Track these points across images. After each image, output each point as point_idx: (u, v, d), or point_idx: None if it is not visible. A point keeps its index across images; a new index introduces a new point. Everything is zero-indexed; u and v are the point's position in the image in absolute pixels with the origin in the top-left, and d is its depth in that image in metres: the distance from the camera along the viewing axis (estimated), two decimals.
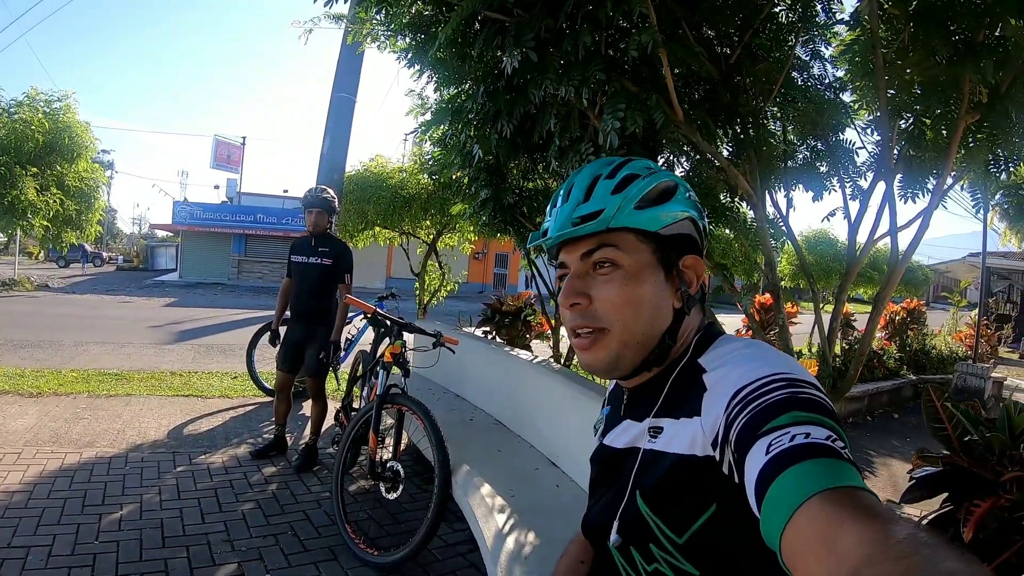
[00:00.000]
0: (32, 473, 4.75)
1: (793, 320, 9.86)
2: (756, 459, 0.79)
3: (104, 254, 49.05)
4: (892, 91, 3.29)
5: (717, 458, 0.92)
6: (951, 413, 2.72)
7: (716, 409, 0.94)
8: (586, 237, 1.12)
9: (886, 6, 3.10)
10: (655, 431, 1.09)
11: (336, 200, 5.70)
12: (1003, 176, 3.43)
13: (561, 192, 1.19)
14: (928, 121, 3.33)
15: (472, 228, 9.20)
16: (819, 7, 3.39)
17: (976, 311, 13.69)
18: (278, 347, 5.72)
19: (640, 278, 1.10)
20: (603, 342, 1.11)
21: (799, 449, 0.75)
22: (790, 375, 0.90)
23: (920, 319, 13.17)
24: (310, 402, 5.74)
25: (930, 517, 2.62)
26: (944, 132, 3.24)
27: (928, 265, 25.49)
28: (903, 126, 3.51)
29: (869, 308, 3.73)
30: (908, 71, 3.18)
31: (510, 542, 3.06)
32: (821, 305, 3.96)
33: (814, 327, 5.84)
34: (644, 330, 1.09)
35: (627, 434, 1.18)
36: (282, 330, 5.77)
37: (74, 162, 8.13)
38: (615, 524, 1.10)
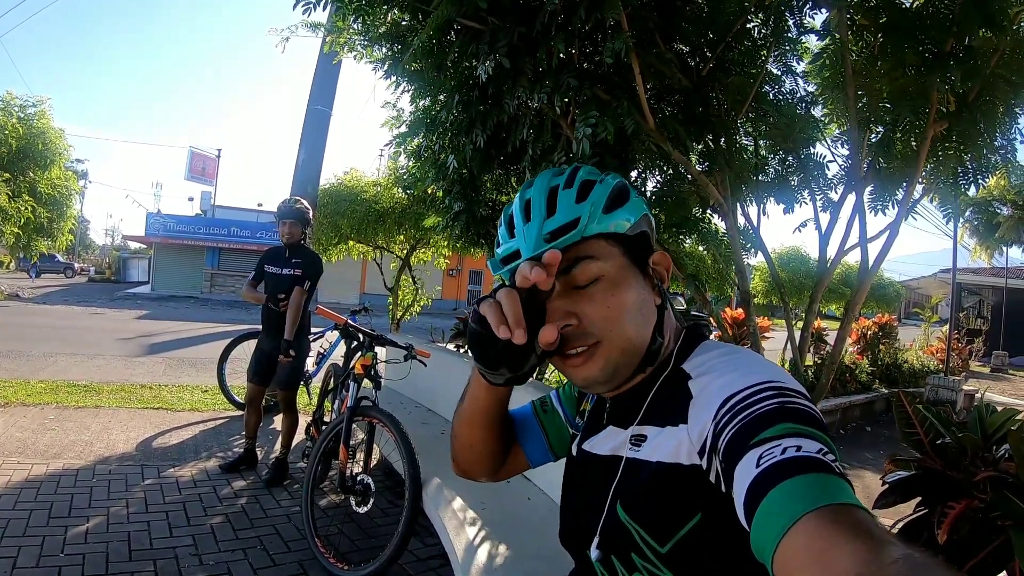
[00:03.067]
0: None
1: (766, 335, 9.92)
2: (746, 471, 0.78)
3: (76, 265, 48.58)
4: (862, 102, 3.34)
5: (704, 467, 0.91)
6: (923, 417, 2.74)
7: (704, 417, 0.92)
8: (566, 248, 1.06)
9: (856, 18, 3.14)
10: (638, 439, 1.07)
11: (310, 211, 5.67)
12: (971, 189, 3.47)
13: (517, 210, 1.14)
14: (897, 131, 3.37)
15: (446, 243, 9.18)
16: (791, 22, 3.42)
17: (947, 326, 13.86)
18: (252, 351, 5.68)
19: (623, 283, 1.07)
20: (598, 354, 1.05)
21: (791, 463, 0.74)
22: (779, 384, 0.89)
23: (892, 334, 13.32)
24: (281, 416, 5.69)
25: (904, 521, 2.62)
26: (913, 143, 3.28)
27: (900, 281, 25.77)
28: (873, 139, 3.56)
29: (833, 322, 3.75)
30: (877, 81, 3.22)
31: (481, 554, 3.03)
32: (794, 323, 3.97)
33: (787, 342, 5.86)
34: (638, 333, 1.06)
35: (609, 441, 1.16)
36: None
37: (47, 169, 8.01)
38: (596, 533, 1.09)
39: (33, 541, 3.87)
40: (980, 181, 3.37)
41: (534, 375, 4.53)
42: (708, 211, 4.26)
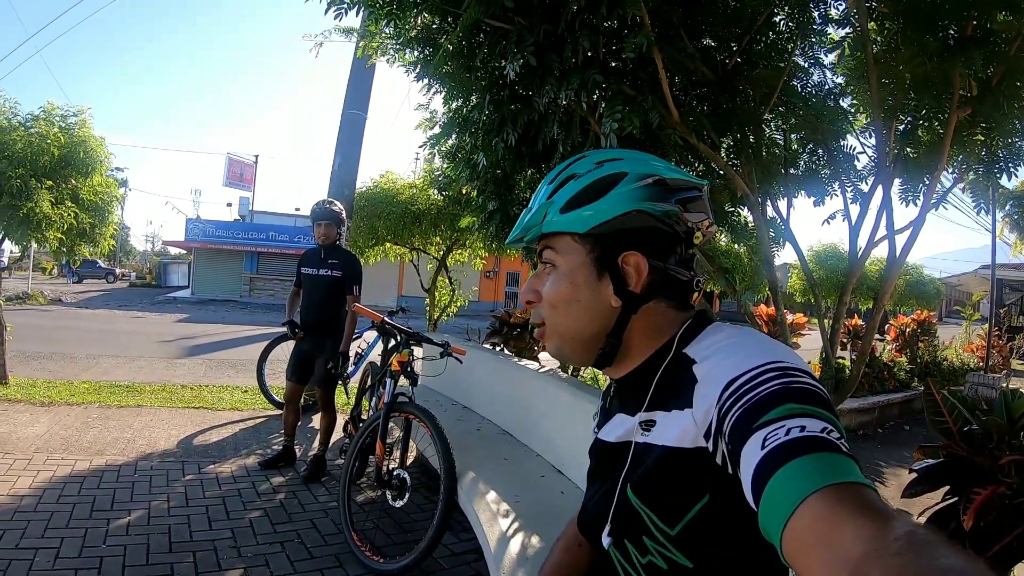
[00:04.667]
0: (42, 479, 4.80)
1: (802, 332, 9.86)
2: (752, 453, 0.79)
3: (117, 270, 49.30)
4: (885, 91, 3.32)
5: (710, 449, 0.91)
6: (951, 405, 2.71)
7: (708, 400, 0.93)
8: (536, 239, 1.19)
9: (875, 5, 3.13)
10: (647, 424, 1.07)
11: (344, 213, 5.75)
12: (1004, 178, 3.43)
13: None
14: (921, 119, 3.35)
15: (482, 244, 9.22)
16: (816, 14, 3.42)
17: (987, 323, 13.59)
18: (291, 351, 5.75)
19: (569, 279, 1.12)
20: (547, 335, 1.18)
21: (795, 443, 0.75)
22: (783, 363, 0.89)
23: (930, 331, 13.10)
24: (319, 414, 5.77)
25: (933, 510, 2.60)
26: (940, 130, 3.25)
27: (940, 279, 25.24)
28: (900, 129, 3.53)
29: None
30: (900, 68, 3.19)
31: (514, 545, 3.07)
32: (826, 313, 3.95)
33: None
34: (575, 328, 1.13)
35: (620, 428, 1.17)
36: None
37: (89, 176, 8.16)
38: (608, 518, 1.11)
39: (76, 533, 3.98)
40: (1012, 170, 3.34)
41: (569, 371, 4.55)
42: (738, 205, 4.26)
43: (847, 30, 3.43)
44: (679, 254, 1.14)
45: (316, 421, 6.74)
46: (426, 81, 4.24)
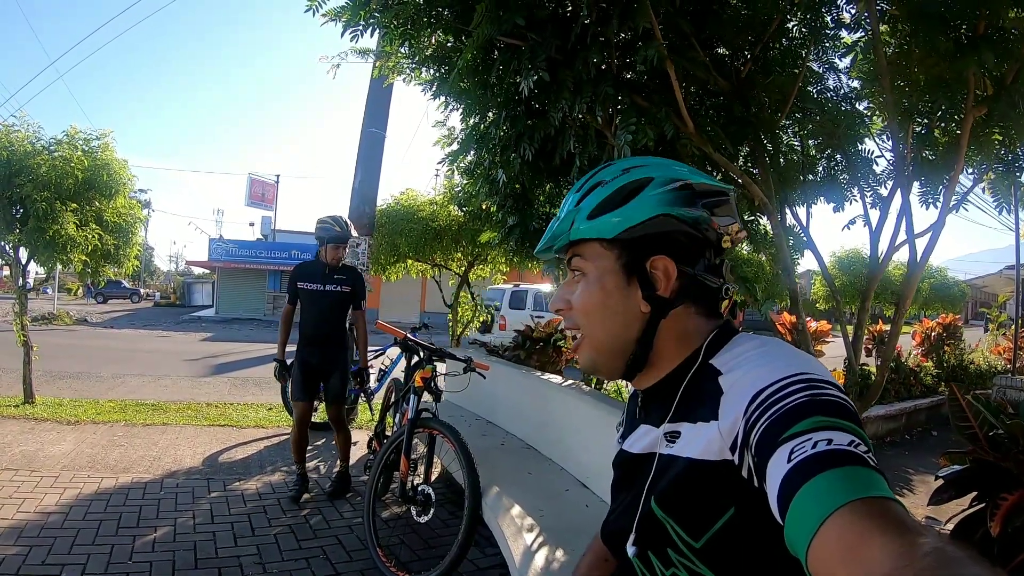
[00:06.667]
0: (68, 496, 4.86)
1: (826, 340, 9.77)
2: (778, 466, 0.78)
3: (141, 290, 49.79)
4: (900, 93, 3.30)
5: (736, 462, 0.91)
6: (976, 409, 2.68)
7: (734, 413, 0.92)
8: (564, 248, 1.18)
9: (886, 8, 3.12)
10: (672, 436, 1.07)
11: (351, 228, 5.60)
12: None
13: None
14: (937, 120, 3.33)
15: (503, 259, 9.23)
16: (828, 19, 3.42)
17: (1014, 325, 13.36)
18: (290, 378, 5.52)
19: (599, 285, 1.11)
20: (583, 345, 1.17)
21: (822, 457, 0.74)
22: (809, 375, 0.88)
23: (956, 334, 12.91)
24: (336, 434, 5.70)
25: (961, 517, 2.56)
26: (956, 131, 3.23)
27: (965, 281, 24.87)
28: (917, 131, 3.50)
29: (905, 327, 3.67)
30: (914, 70, 3.17)
31: (538, 559, 3.06)
32: (849, 320, 3.92)
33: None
34: (608, 336, 1.12)
35: (645, 439, 1.16)
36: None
37: (112, 198, 8.27)
38: (633, 530, 1.10)
39: (102, 550, 4.02)
40: None
41: (592, 384, 4.55)
42: (756, 213, 4.25)
43: (859, 34, 3.43)
44: (708, 260, 1.13)
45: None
46: (443, 99, 4.27)
